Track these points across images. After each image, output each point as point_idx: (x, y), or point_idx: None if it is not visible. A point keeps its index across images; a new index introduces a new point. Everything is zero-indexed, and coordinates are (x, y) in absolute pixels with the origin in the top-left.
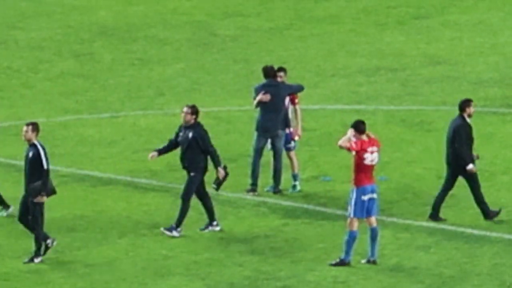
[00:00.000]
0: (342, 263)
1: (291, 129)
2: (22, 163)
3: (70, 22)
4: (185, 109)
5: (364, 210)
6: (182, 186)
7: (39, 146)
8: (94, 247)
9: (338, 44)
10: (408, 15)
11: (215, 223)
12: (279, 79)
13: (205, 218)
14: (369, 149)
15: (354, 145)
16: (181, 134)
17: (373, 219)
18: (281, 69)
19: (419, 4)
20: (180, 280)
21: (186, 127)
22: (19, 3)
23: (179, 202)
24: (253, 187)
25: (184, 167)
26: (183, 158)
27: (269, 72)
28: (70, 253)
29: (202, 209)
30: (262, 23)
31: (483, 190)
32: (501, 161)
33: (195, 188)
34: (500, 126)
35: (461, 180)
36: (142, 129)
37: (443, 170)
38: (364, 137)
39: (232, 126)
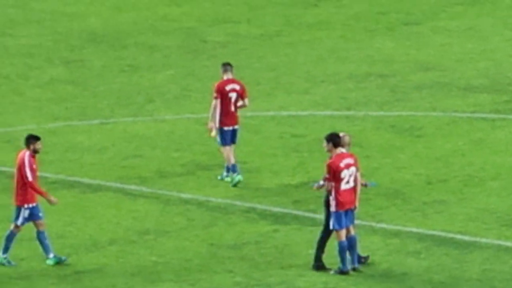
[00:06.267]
0: (341, 272)
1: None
2: (12, 169)
3: (60, 29)
4: None
5: (342, 222)
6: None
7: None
8: (84, 254)
9: (328, 50)
10: (398, 21)
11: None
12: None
13: (195, 224)
14: (343, 162)
15: (327, 176)
16: None
17: (350, 227)
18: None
19: (409, 10)
20: (170, 287)
21: None
22: (8, 10)
23: (169, 208)
24: None
25: None
26: None
27: None
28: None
29: (191, 215)
30: (252, 30)
31: (473, 195)
32: (490, 167)
33: None
34: (490, 132)
35: (451, 186)
36: (132, 135)
37: (433, 176)
38: (338, 150)
39: None
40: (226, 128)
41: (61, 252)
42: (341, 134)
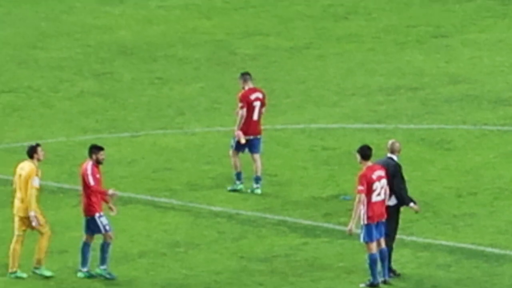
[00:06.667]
0: (372, 285)
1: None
2: (42, 182)
3: (90, 42)
4: None
5: (373, 234)
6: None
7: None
8: (114, 266)
9: (357, 63)
10: (428, 34)
11: None
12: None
13: (225, 237)
14: (375, 174)
15: (360, 188)
16: None
17: (381, 240)
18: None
19: (439, 23)
20: None
21: None
22: (39, 23)
23: (199, 221)
24: None
25: None
26: None
27: None
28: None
29: (221, 228)
30: (282, 42)
31: (503, 208)
32: None
33: None
34: None
35: (482, 199)
36: (162, 148)
37: (463, 189)
38: (368, 163)
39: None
40: (245, 137)
41: (92, 264)
42: (390, 142)
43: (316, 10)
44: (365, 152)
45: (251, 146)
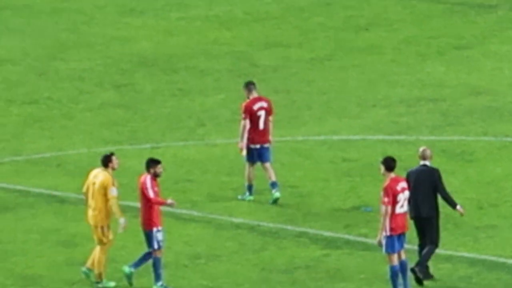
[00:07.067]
0: None
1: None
2: (63, 193)
3: (111, 53)
4: None
5: (395, 246)
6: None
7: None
8: (135, 278)
9: (378, 74)
10: (449, 46)
11: None
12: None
13: (246, 248)
14: (399, 186)
15: (387, 199)
16: None
17: (402, 252)
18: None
19: (460, 35)
20: None
21: None
22: (59, 34)
23: (220, 232)
24: None
25: None
26: None
27: None
28: None
29: (242, 239)
30: (303, 54)
31: None
32: None
33: None
34: None
35: (503, 211)
36: (183, 160)
37: (484, 200)
38: (392, 174)
39: (273, 156)
40: (252, 146)
41: (113, 276)
42: (421, 149)
43: (337, 22)
44: (389, 164)
45: (260, 155)
